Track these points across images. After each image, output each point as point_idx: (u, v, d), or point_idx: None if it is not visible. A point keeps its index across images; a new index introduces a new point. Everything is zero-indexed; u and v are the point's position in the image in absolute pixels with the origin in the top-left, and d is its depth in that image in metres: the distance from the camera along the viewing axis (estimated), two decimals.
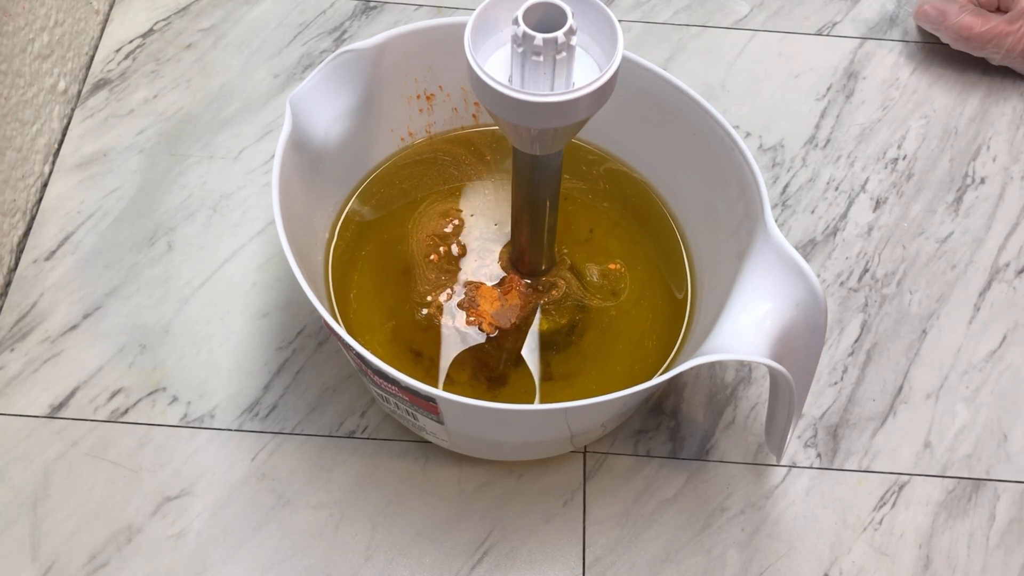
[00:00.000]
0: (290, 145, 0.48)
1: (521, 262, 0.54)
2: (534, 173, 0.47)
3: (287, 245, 0.45)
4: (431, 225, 0.56)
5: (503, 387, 0.52)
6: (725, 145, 0.50)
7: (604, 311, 0.55)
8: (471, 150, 0.59)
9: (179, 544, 0.52)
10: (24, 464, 0.54)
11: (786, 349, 0.45)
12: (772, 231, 0.46)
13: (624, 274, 0.56)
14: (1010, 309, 0.61)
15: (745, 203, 0.50)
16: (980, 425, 0.57)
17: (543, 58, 0.40)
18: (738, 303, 0.46)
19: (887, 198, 0.65)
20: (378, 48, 0.51)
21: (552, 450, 0.54)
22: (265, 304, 0.59)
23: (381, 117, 0.55)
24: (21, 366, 0.57)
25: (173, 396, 0.56)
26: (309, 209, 0.52)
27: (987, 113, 0.69)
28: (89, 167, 0.64)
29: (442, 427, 0.48)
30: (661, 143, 0.55)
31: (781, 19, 0.73)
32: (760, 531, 0.53)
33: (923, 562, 0.53)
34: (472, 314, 0.53)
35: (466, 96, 0.57)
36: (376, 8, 0.72)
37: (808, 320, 0.45)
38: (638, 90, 0.53)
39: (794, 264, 0.45)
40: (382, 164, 0.57)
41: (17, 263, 0.60)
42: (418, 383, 0.43)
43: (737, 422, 0.56)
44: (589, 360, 0.53)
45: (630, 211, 0.58)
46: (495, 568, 0.52)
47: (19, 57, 0.59)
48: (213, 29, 0.70)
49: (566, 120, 0.42)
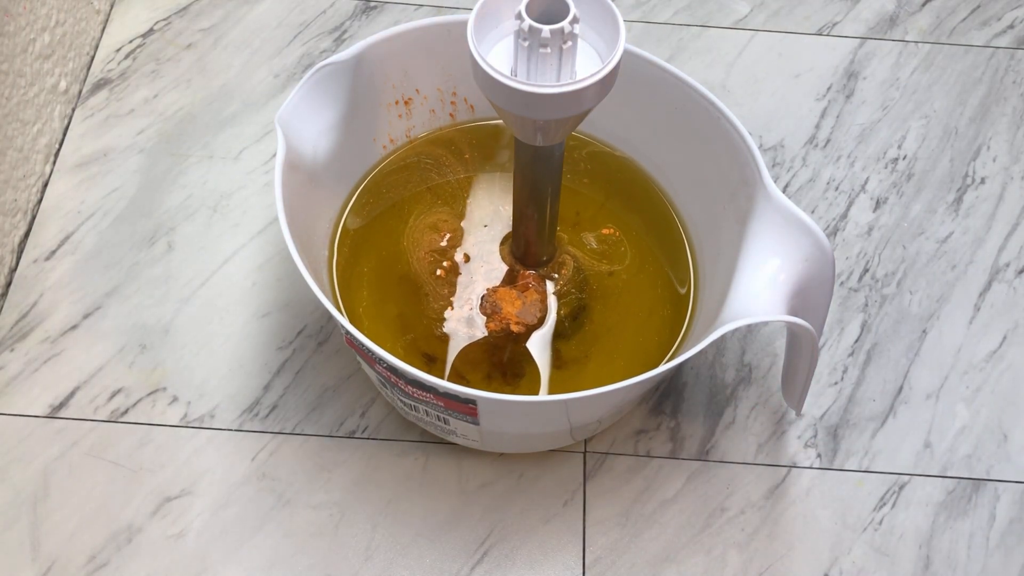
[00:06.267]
0: (287, 166, 0.48)
1: (527, 255, 0.54)
2: (536, 164, 0.48)
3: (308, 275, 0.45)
4: (426, 241, 0.56)
5: (520, 379, 0.52)
6: (710, 116, 0.51)
7: (611, 283, 0.55)
8: (451, 149, 0.59)
9: (179, 544, 0.52)
10: (24, 464, 0.54)
11: (801, 303, 0.45)
12: (772, 191, 0.47)
13: (620, 237, 0.56)
14: (1010, 309, 0.61)
15: (739, 169, 0.50)
16: (980, 425, 0.57)
17: (550, 49, 0.40)
18: (749, 266, 0.46)
19: (887, 198, 0.65)
20: (356, 58, 0.51)
21: (592, 430, 0.54)
22: (265, 304, 0.59)
23: (363, 127, 0.55)
24: (21, 366, 0.57)
25: (173, 396, 0.56)
26: (309, 227, 0.52)
27: (987, 113, 0.69)
28: (89, 167, 0.64)
29: (475, 428, 0.48)
30: (642, 121, 0.55)
31: (781, 19, 0.73)
32: (760, 531, 0.53)
33: (923, 562, 0.53)
34: (496, 319, 0.53)
35: (442, 96, 0.58)
36: (376, 8, 0.72)
37: (818, 273, 0.46)
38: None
39: (798, 220, 0.46)
40: (368, 174, 0.58)
41: (17, 263, 0.60)
42: (457, 387, 0.43)
43: (737, 422, 0.56)
44: (601, 341, 0.53)
45: (615, 190, 0.58)
46: (495, 568, 0.52)
47: (20, 57, 0.59)
48: (213, 29, 0.70)
49: (574, 110, 0.42)
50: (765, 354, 0.58)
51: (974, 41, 0.72)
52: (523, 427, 0.50)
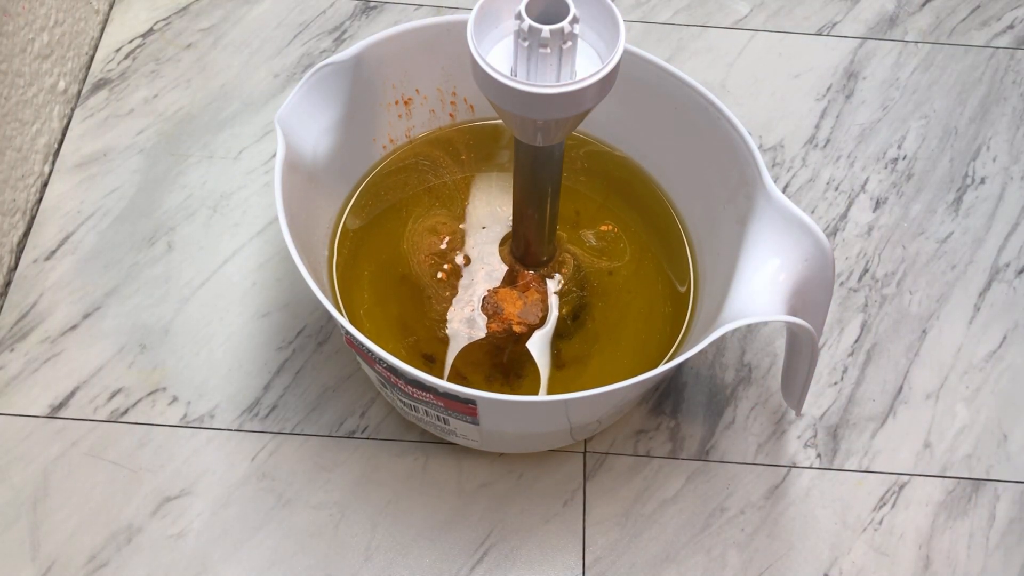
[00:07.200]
0: (286, 166, 0.48)
1: (527, 255, 0.54)
2: (536, 164, 0.48)
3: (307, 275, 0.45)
4: (425, 244, 0.56)
5: (521, 380, 0.52)
6: (710, 116, 0.51)
7: (612, 281, 0.55)
8: (448, 151, 0.59)
9: (179, 544, 0.52)
10: (24, 464, 0.54)
11: (801, 303, 0.45)
12: (772, 191, 0.47)
13: (619, 234, 0.56)
14: (1010, 309, 0.61)
15: (739, 169, 0.50)
16: (980, 425, 0.57)
17: (550, 49, 0.40)
18: (749, 265, 0.46)
19: (887, 198, 0.65)
20: (355, 58, 0.51)
21: (592, 430, 0.54)
22: (265, 304, 0.59)
23: (363, 127, 0.55)
24: (21, 366, 0.57)
25: (173, 396, 0.56)
26: (309, 227, 0.52)
27: (987, 113, 0.69)
28: (89, 167, 0.64)
29: (475, 428, 0.48)
30: (642, 121, 0.55)
31: (781, 19, 0.73)
32: (760, 531, 0.53)
33: (923, 562, 0.53)
34: (497, 320, 0.53)
35: (442, 97, 0.58)
36: (376, 8, 0.72)
37: (818, 273, 0.46)
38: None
39: (798, 220, 0.46)
40: (368, 175, 0.58)
41: (17, 263, 0.60)
42: (457, 387, 0.43)
43: (737, 422, 0.56)
44: (602, 340, 0.53)
45: (615, 189, 0.58)
46: (495, 568, 0.52)
47: (19, 57, 0.59)
48: (213, 29, 0.70)
49: (574, 110, 0.42)
50: (765, 354, 0.58)
51: (974, 41, 0.72)
52: (523, 427, 0.50)
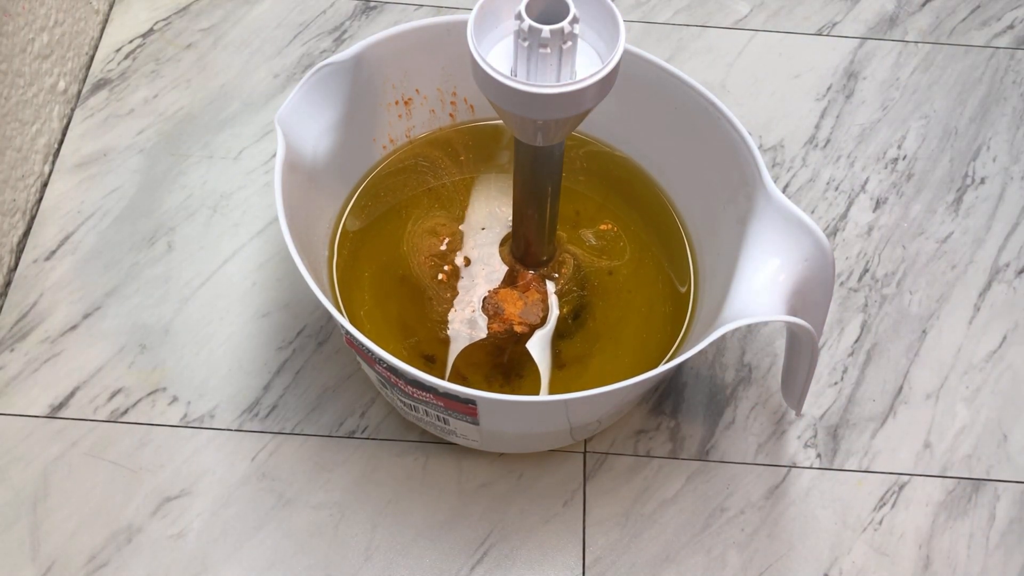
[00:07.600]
0: (286, 166, 0.48)
1: (527, 256, 0.54)
2: (536, 164, 0.48)
3: (307, 275, 0.45)
4: (425, 246, 0.56)
5: (522, 380, 0.52)
6: (710, 116, 0.51)
7: (612, 280, 0.55)
8: (448, 151, 0.59)
9: (179, 544, 0.52)
10: (24, 464, 0.54)
11: (801, 303, 0.45)
12: (772, 191, 0.47)
13: (619, 233, 0.56)
14: (1010, 309, 0.61)
15: (739, 169, 0.50)
16: (980, 425, 0.57)
17: (550, 49, 0.40)
18: (749, 265, 0.46)
19: (887, 198, 0.65)
20: (355, 58, 0.51)
21: (592, 430, 0.54)
22: (265, 304, 0.59)
23: (363, 127, 0.55)
24: (21, 366, 0.57)
25: (173, 396, 0.56)
26: (309, 227, 0.52)
27: (987, 113, 0.69)
28: (89, 167, 0.64)
29: (475, 428, 0.48)
30: (642, 121, 0.55)
31: (781, 19, 0.73)
32: (760, 531, 0.53)
33: (923, 562, 0.53)
34: (498, 320, 0.53)
35: (442, 97, 0.58)
36: (376, 8, 0.72)
37: (818, 273, 0.46)
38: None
39: (799, 220, 0.46)
40: (368, 175, 0.58)
41: (17, 263, 0.60)
42: (457, 387, 0.43)
43: (737, 422, 0.56)
44: (603, 339, 0.53)
45: (615, 189, 0.58)
46: (495, 568, 0.52)
47: (19, 57, 0.59)
48: (213, 29, 0.70)
49: (574, 110, 0.42)
50: (765, 354, 0.58)
51: (974, 41, 0.72)
52: (523, 427, 0.50)
